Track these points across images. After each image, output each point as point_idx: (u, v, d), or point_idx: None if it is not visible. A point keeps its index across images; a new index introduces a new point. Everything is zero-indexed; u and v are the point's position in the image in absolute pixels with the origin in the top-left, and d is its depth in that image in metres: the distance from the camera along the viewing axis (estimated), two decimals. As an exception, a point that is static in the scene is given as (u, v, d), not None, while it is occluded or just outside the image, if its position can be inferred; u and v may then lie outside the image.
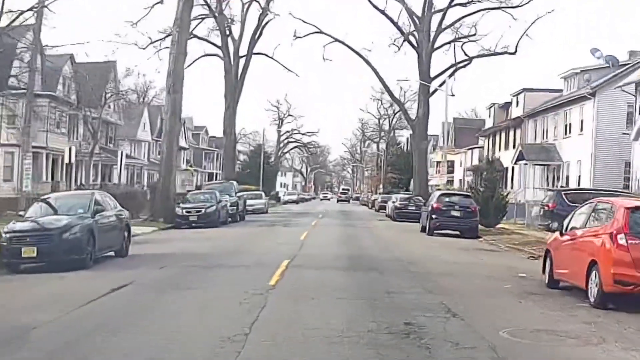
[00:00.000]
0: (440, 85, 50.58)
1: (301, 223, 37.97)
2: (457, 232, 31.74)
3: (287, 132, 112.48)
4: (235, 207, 39.24)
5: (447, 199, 31.86)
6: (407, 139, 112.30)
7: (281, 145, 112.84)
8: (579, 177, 44.60)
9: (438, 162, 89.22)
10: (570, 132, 46.77)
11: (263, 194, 55.80)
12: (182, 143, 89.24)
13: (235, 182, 43.21)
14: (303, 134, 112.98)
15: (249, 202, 52.68)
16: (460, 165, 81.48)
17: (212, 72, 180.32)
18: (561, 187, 39.93)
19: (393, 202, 47.62)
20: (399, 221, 44.37)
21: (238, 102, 56.05)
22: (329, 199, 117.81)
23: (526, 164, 49.67)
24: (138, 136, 74.57)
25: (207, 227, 33.56)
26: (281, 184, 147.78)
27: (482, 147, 72.50)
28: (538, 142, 52.19)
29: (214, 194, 36.99)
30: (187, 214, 34.94)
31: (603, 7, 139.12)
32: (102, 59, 58.56)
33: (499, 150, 62.51)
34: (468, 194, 33.53)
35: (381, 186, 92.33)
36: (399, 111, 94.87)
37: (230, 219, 38.67)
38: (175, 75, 38.31)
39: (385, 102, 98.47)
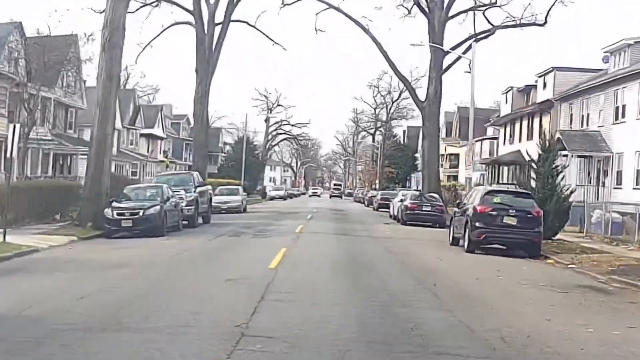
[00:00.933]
0: (466, 51, 39.22)
1: (281, 229, 26.48)
2: (503, 247, 20.61)
3: (276, 123, 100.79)
4: (193, 207, 27.73)
5: (496, 199, 20.43)
6: (404, 131, 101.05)
7: (270, 137, 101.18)
8: (638, 171, 33.44)
9: (441, 156, 77.91)
10: (623, 116, 35.47)
11: (240, 189, 44.22)
12: (159, 132, 77.76)
13: (196, 173, 31.53)
14: (293, 125, 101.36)
15: (221, 198, 41.31)
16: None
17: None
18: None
19: (401, 200, 36.21)
20: (409, 225, 33.07)
21: (212, 78, 44.50)
22: (319, 195, 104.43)
23: (566, 156, 38.28)
24: (105, 122, 62.77)
25: (146, 236, 22.38)
26: (270, 178, 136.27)
27: (496, 138, 61.23)
28: (575, 129, 41.02)
29: (160, 189, 25.53)
30: (119, 217, 23.46)
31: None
32: (63, 33, 47.87)
33: (519, 140, 51.20)
34: (527, 192, 22.08)
35: (377, 181, 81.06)
36: (397, 99, 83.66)
37: (186, 222, 27.30)
38: (114, 26, 26.76)
39: (382, 90, 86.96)
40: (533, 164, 25.15)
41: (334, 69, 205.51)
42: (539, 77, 48.10)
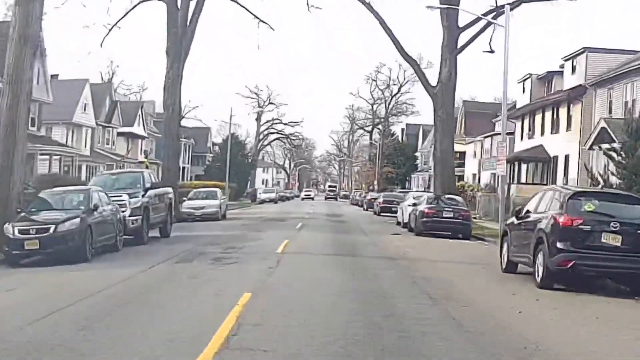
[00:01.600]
0: (485, 27, 31.45)
1: (258, 248, 18.51)
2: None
3: (268, 122, 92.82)
4: (140, 216, 19.78)
5: (588, 206, 12.58)
6: (403, 129, 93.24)
7: (261, 136, 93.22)
8: None
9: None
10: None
11: (219, 192, 36.16)
12: (140, 131, 69.80)
13: (148, 172, 23.25)
14: (285, 124, 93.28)
15: (195, 203, 33.61)
16: (474, 157, 62.53)
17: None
18: None
19: (414, 204, 28.35)
20: (426, 235, 25.34)
21: (185, 61, 36.63)
22: (312, 198, 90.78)
23: (614, 149, 30.50)
24: (75, 119, 55.01)
25: (62, 263, 14.76)
26: (263, 180, 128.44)
27: (512, 133, 53.51)
28: (616, 117, 33.37)
29: (87, 194, 17.66)
30: (22, 236, 15.67)
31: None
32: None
33: (541, 134, 43.56)
34: (633, 194, 14.26)
35: (376, 182, 73.17)
36: (396, 94, 75.78)
37: (133, 237, 19.51)
38: (29, -29, 19.01)
39: (381, 83, 78.93)
40: (615, 155, 17.29)
41: (329, 64, 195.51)
42: (567, 60, 40.49)
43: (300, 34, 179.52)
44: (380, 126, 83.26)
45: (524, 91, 48.00)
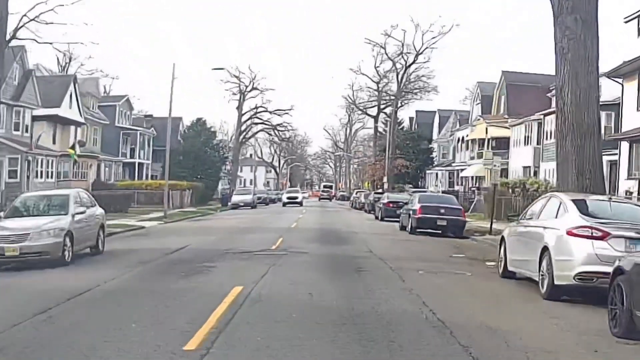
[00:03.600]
0: None
1: None
2: None
3: (252, 109, 72.26)
4: None
5: None
6: (412, 117, 72.55)
7: (243, 127, 72.60)
8: None
9: (473, 141, 49.85)
10: None
11: (72, 199, 14.90)
12: (72, 113, 48.80)
13: None
14: (272, 113, 72.63)
15: (9, 226, 12.84)
16: (526, 144, 41.97)
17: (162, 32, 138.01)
18: None
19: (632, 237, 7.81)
20: None
21: None
22: (298, 202, 58.62)
23: None
24: (-47, 90, 34.13)
25: None
26: (250, 180, 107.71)
27: (611, 105, 32.74)
28: None
29: None
30: None
31: None
32: None
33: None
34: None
35: (386, 179, 52.57)
36: (411, 64, 54.83)
37: None
38: None
39: (392, 50, 57.68)
40: None
41: (322, 47, 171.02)
42: None
43: (289, 13, 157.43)
44: (388, 109, 62.53)
45: (639, 34, 27.50)
